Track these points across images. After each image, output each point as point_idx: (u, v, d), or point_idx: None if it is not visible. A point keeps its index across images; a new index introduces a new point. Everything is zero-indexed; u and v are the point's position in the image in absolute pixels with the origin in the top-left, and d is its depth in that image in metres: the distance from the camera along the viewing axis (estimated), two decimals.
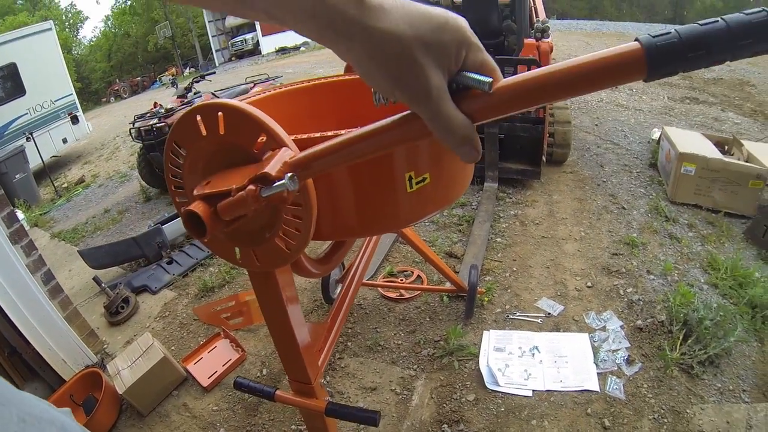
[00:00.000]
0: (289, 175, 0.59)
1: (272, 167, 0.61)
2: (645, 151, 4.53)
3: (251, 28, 23.08)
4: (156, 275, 3.56)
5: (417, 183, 0.87)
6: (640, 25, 18.59)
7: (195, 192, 0.68)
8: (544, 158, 3.86)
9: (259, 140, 0.70)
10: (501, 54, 4.75)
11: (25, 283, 2.45)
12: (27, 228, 5.83)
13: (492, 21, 4.92)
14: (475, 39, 0.49)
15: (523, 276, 2.83)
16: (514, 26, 4.58)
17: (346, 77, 1.64)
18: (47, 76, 9.07)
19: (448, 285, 2.63)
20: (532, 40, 4.13)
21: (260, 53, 22.45)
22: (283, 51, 21.27)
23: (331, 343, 1.32)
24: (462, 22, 0.48)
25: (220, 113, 0.71)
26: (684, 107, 6.06)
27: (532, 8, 5.06)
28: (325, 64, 14.27)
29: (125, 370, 2.37)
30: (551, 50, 4.10)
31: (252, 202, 0.62)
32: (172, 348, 2.78)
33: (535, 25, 4.37)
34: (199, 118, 0.73)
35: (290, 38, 22.61)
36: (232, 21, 24.29)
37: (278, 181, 0.60)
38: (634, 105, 6.29)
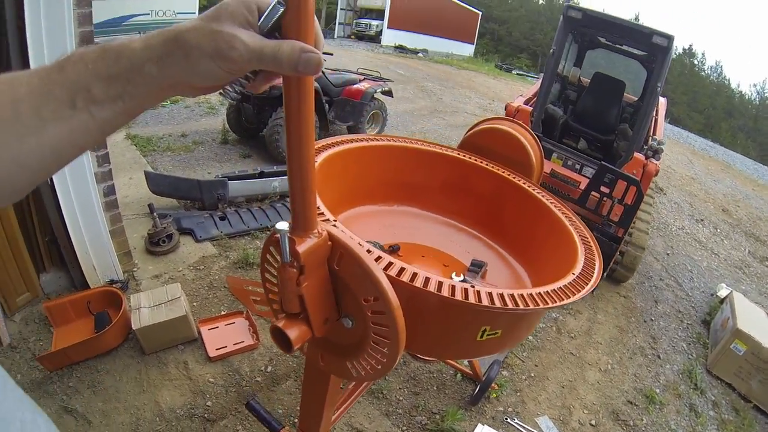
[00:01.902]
0: None
1: None
2: (704, 304, 4.33)
3: (379, 16, 23.24)
4: (205, 225, 3.65)
5: (488, 335, 0.90)
6: (749, 162, 17.59)
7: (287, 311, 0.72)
8: (604, 274, 3.75)
9: (370, 299, 0.74)
10: (607, 154, 4.66)
11: (87, 187, 2.60)
12: None
13: (610, 115, 4.84)
14: None
15: (537, 385, 2.77)
16: (629, 132, 4.47)
17: (447, 152, 1.68)
18: None
19: (466, 364, 2.62)
20: (640, 156, 4.00)
21: (380, 42, 22.49)
22: (401, 49, 21.34)
23: (348, 405, 1.36)
24: None
25: (340, 252, 0.73)
26: (762, 269, 5.75)
27: (654, 121, 4.92)
28: (434, 79, 14.19)
29: (145, 309, 2.47)
30: (656, 173, 3.97)
31: None
32: (194, 304, 2.88)
33: (650, 141, 4.25)
34: None
35: (412, 40, 22.75)
36: (363, 2, 24.49)
37: None
38: (713, 247, 6.01)
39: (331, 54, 6.55)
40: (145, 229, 3.41)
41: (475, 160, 1.76)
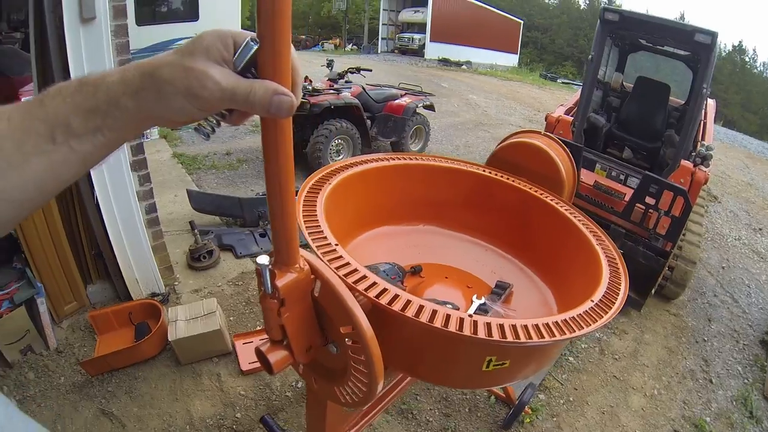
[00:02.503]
0: None
1: None
2: (763, 322, 4.00)
3: (421, 29, 23.38)
4: (245, 241, 3.73)
5: (495, 365, 0.86)
6: None
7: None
8: (653, 291, 3.55)
9: (344, 330, 0.74)
10: (653, 163, 4.45)
11: (130, 206, 2.73)
12: (155, 137, 6.51)
13: (655, 121, 4.61)
14: (238, 30, 0.54)
15: (575, 411, 2.63)
16: (676, 138, 4.24)
17: (466, 167, 1.64)
18: (222, 11, 9.80)
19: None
20: (688, 164, 3.76)
21: (423, 56, 22.61)
22: (445, 62, 21.30)
23: (361, 427, 1.33)
24: (217, 28, 0.53)
25: (318, 282, 0.75)
26: None
27: (702, 125, 4.65)
28: (479, 91, 14.06)
29: (181, 322, 2.55)
30: (705, 182, 3.74)
31: None
32: (231, 318, 2.94)
33: (699, 148, 4.01)
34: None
35: (455, 52, 22.67)
36: (404, 16, 24.76)
37: None
38: None
39: (370, 70, 6.62)
40: (187, 244, 3.53)
41: (499, 176, 1.71)
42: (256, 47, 0.52)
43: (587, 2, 38.01)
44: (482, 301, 1.32)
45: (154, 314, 2.78)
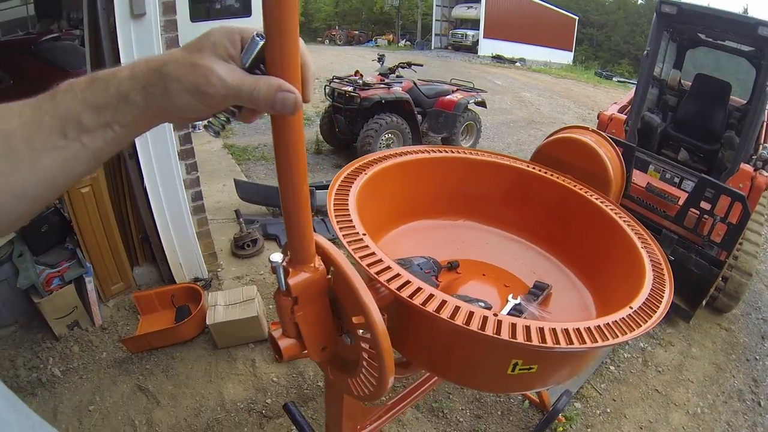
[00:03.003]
0: None
1: None
2: None
3: (475, 26, 23.02)
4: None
5: (521, 369, 0.82)
6: None
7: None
8: (704, 302, 3.34)
9: (356, 320, 0.72)
10: (711, 166, 4.20)
11: (176, 193, 2.83)
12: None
13: (714, 122, 4.35)
14: (246, 26, 0.53)
15: (611, 424, 2.50)
16: (736, 140, 3.96)
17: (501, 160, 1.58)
18: None
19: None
20: (748, 167, 3.54)
21: (476, 53, 22.29)
22: (498, 59, 20.98)
23: (386, 420, 1.31)
24: (225, 24, 0.53)
25: (332, 268, 0.74)
26: None
27: (765, 126, 4.35)
28: (532, 89, 13.73)
29: (220, 307, 2.62)
30: (767, 187, 3.49)
31: None
32: (270, 306, 2.99)
33: (760, 151, 3.75)
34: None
35: (509, 49, 22.26)
36: (458, 12, 24.43)
37: None
38: None
39: (421, 65, 6.56)
40: (233, 232, 3.62)
41: (542, 171, 1.64)
42: (262, 43, 0.51)
43: None
44: (518, 301, 1.27)
45: (196, 298, 2.87)
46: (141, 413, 2.27)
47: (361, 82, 5.44)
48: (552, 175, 1.63)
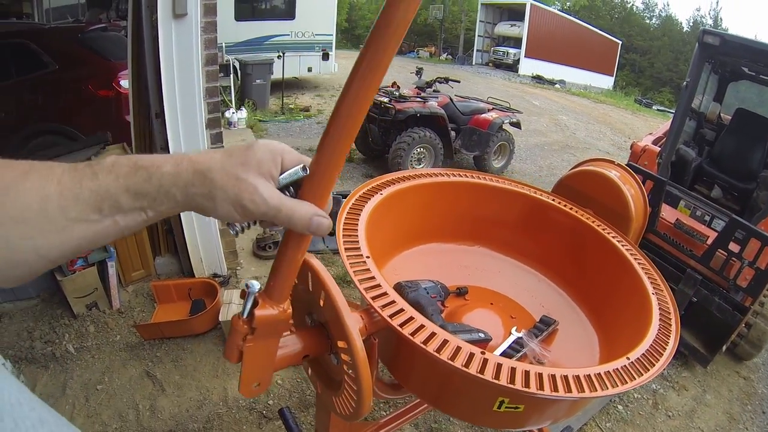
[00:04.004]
0: None
1: None
2: None
3: (517, 44, 22.84)
4: (313, 238, 3.82)
5: (508, 408, 0.82)
6: None
7: None
8: (724, 348, 3.22)
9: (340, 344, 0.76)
10: (744, 206, 4.06)
11: None
12: (243, 126, 6.85)
13: (752, 160, 4.20)
14: (287, 147, 0.58)
15: None
16: None
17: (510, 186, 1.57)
18: (319, 12, 10.20)
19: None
20: None
21: (517, 71, 22.10)
22: (538, 79, 20.76)
23: None
24: (270, 141, 0.58)
25: (309, 273, 0.81)
26: None
27: None
28: (569, 112, 13.59)
29: (234, 305, 2.68)
30: None
31: None
32: None
33: None
34: None
35: (550, 70, 22.04)
36: (501, 30, 24.28)
37: None
38: None
39: (458, 81, 6.58)
40: (255, 233, 3.67)
41: (560, 203, 1.62)
42: (303, 175, 0.57)
43: (690, 24, 35.45)
44: (520, 335, 1.26)
45: (212, 293, 2.93)
46: (146, 398, 2.34)
47: (397, 93, 5.46)
48: (570, 208, 1.61)
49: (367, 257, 1.01)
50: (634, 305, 1.23)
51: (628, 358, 0.94)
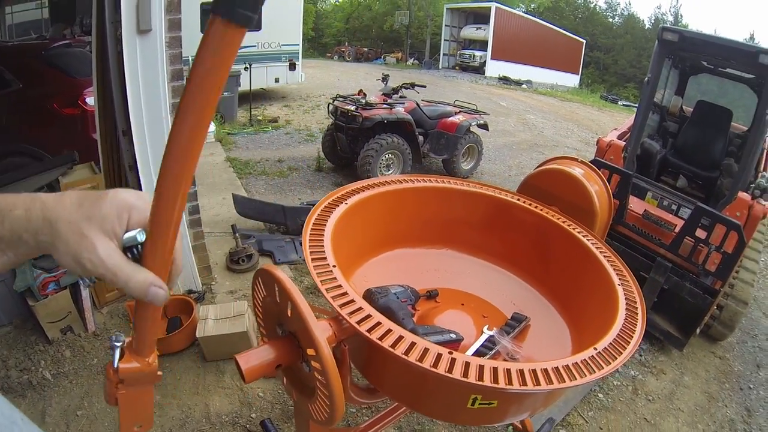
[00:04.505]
0: None
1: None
2: None
3: (483, 47, 23.20)
4: (285, 249, 3.80)
5: (481, 404, 0.84)
6: None
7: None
8: (698, 330, 3.33)
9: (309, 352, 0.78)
10: (709, 193, 4.19)
11: None
12: (211, 140, 6.77)
13: (714, 149, 4.35)
14: (139, 202, 0.57)
15: None
16: (734, 168, 3.96)
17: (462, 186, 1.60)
18: (284, 23, 10.20)
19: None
20: (746, 196, 3.52)
21: (483, 74, 22.42)
22: (505, 81, 21.05)
23: None
24: (123, 192, 0.57)
25: (276, 286, 0.83)
26: None
27: (765, 154, 4.34)
28: (537, 111, 13.82)
29: (211, 321, 2.63)
30: (764, 216, 3.47)
31: None
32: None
33: (759, 179, 3.74)
34: (260, 280, 0.89)
35: (516, 71, 22.39)
36: (466, 33, 24.63)
37: None
38: None
39: (424, 86, 6.64)
40: (229, 246, 3.64)
41: (525, 203, 1.66)
42: (142, 240, 0.56)
43: (652, 21, 36.54)
44: (492, 333, 1.28)
45: (188, 310, 2.89)
46: None
47: (363, 101, 5.49)
48: (535, 206, 1.65)
49: (334, 266, 1.03)
50: (601, 296, 1.26)
51: (595, 349, 0.97)
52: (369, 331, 0.87)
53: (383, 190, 1.48)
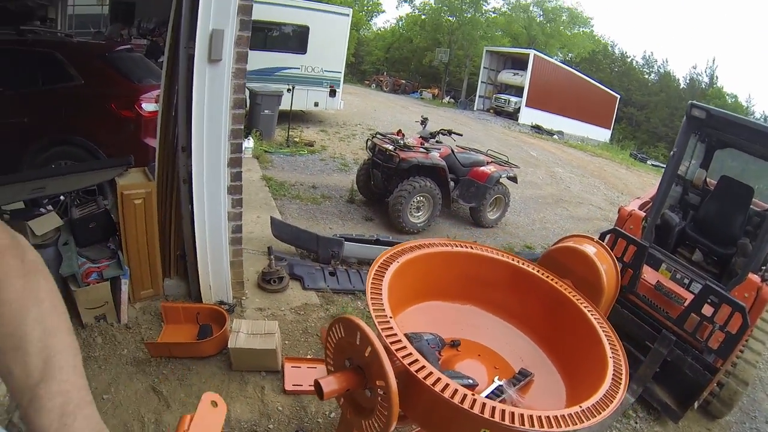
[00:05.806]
0: None
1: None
2: None
3: (518, 93, 23.24)
4: (315, 276, 4.00)
5: None
6: None
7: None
8: (695, 405, 3.41)
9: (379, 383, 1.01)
10: (723, 270, 4.22)
11: (219, 223, 3.14)
12: (249, 155, 7.00)
13: (733, 226, 4.34)
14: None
15: None
16: (749, 248, 3.96)
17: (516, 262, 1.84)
18: (328, 49, 10.63)
19: None
20: (756, 278, 3.51)
21: (517, 120, 22.37)
22: (537, 129, 21.04)
23: None
24: None
25: (358, 333, 1.09)
26: None
27: None
28: (565, 165, 13.88)
29: (243, 334, 2.85)
30: None
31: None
32: (286, 342, 3.20)
33: None
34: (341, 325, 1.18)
35: (549, 120, 22.36)
36: (503, 77, 24.76)
37: None
38: None
39: (461, 134, 6.80)
40: (261, 265, 3.85)
41: (542, 274, 1.92)
42: None
43: (687, 81, 36.47)
44: (501, 383, 1.50)
45: (218, 320, 3.11)
46: (151, 412, 2.45)
47: (402, 142, 5.65)
48: (550, 278, 1.91)
49: (390, 317, 1.31)
50: (594, 364, 1.51)
51: (580, 407, 1.22)
52: (417, 371, 1.16)
53: (427, 252, 1.79)
